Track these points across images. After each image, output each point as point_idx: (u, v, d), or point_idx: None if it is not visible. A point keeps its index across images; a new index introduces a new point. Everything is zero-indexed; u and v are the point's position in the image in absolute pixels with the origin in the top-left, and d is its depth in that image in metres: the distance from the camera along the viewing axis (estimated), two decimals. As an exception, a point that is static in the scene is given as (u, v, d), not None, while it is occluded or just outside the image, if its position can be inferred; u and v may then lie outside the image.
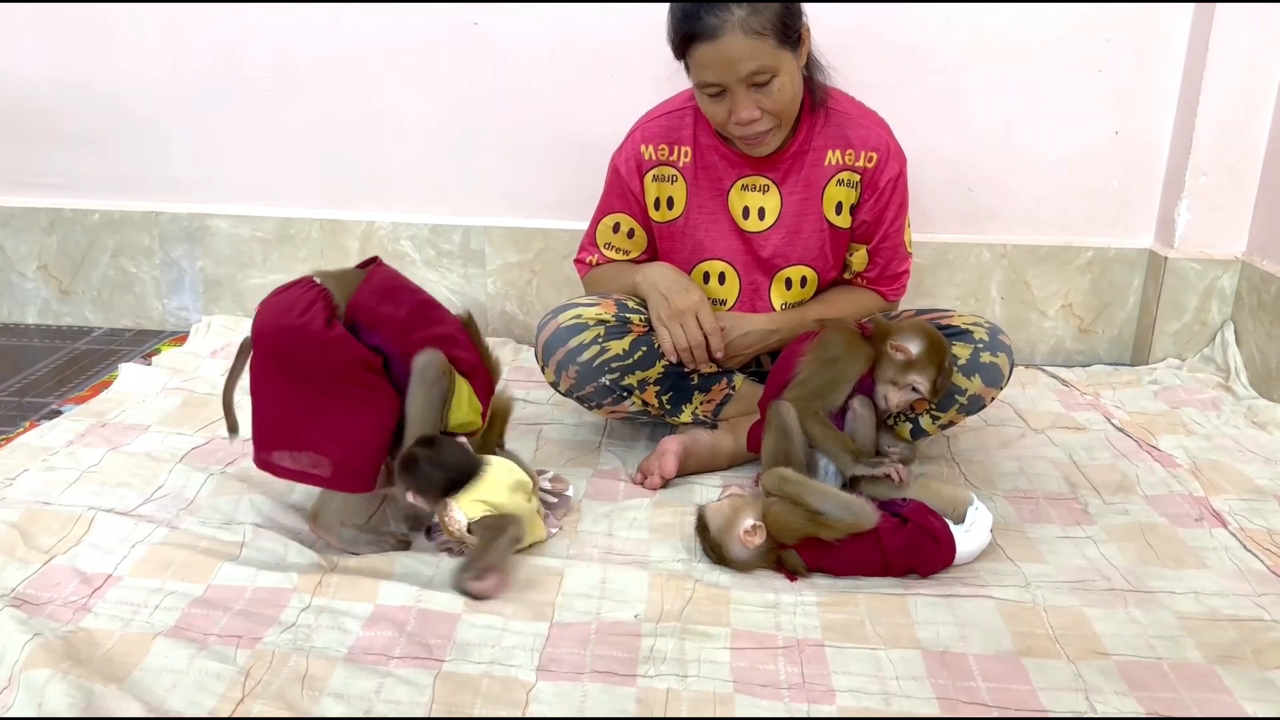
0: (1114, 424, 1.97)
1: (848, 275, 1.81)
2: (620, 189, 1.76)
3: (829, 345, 1.55)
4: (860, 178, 1.70)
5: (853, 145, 1.69)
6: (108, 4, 2.29)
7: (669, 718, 1.11)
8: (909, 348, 1.51)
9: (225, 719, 1.08)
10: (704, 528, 1.42)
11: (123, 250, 2.47)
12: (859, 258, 1.77)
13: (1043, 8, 2.17)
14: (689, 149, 1.72)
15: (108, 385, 2.06)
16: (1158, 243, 2.32)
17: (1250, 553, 1.48)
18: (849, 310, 1.74)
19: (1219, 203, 2.22)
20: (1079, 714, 1.12)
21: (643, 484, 1.67)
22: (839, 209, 1.72)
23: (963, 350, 1.60)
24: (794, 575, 1.38)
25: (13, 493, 1.55)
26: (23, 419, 1.90)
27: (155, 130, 2.39)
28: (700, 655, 1.21)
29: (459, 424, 1.44)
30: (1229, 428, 1.95)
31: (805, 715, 1.12)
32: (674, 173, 1.73)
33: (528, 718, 1.11)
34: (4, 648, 1.13)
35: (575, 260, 1.87)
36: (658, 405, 1.73)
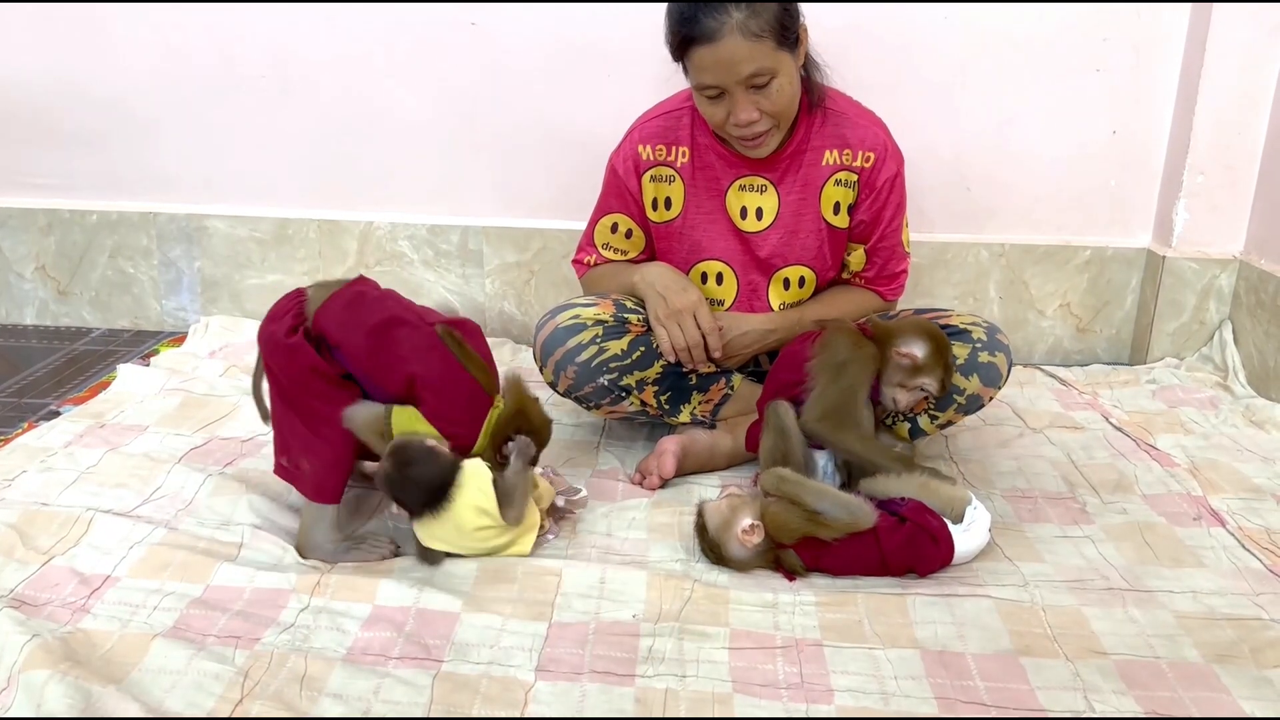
0: (1112, 423, 1.97)
1: (845, 275, 1.81)
2: (618, 189, 1.76)
3: (835, 350, 1.53)
4: (858, 178, 1.70)
5: (850, 145, 1.69)
6: (105, 4, 2.29)
7: (668, 718, 1.11)
8: (915, 352, 1.51)
9: (224, 719, 1.08)
10: (702, 527, 1.42)
11: (121, 251, 2.46)
12: (857, 257, 1.78)
13: (1040, 7, 2.17)
14: (687, 149, 1.72)
15: (106, 386, 2.06)
16: (1156, 242, 2.33)
17: (1248, 552, 1.48)
18: (847, 310, 1.74)
19: (1217, 202, 2.22)
20: (1077, 713, 1.12)
21: (641, 484, 1.67)
22: (836, 209, 1.72)
23: (961, 350, 1.60)
24: (792, 575, 1.38)
25: (11, 493, 1.55)
26: (21, 420, 1.90)
27: (153, 131, 2.39)
28: (699, 655, 1.21)
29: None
30: (1227, 427, 1.95)
31: (804, 715, 1.12)
32: (672, 173, 1.73)
33: (526, 718, 1.11)
34: (3, 648, 1.13)
35: (573, 261, 1.87)
36: (656, 405, 1.73)
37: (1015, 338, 2.35)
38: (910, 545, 1.37)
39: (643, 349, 1.67)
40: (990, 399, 1.66)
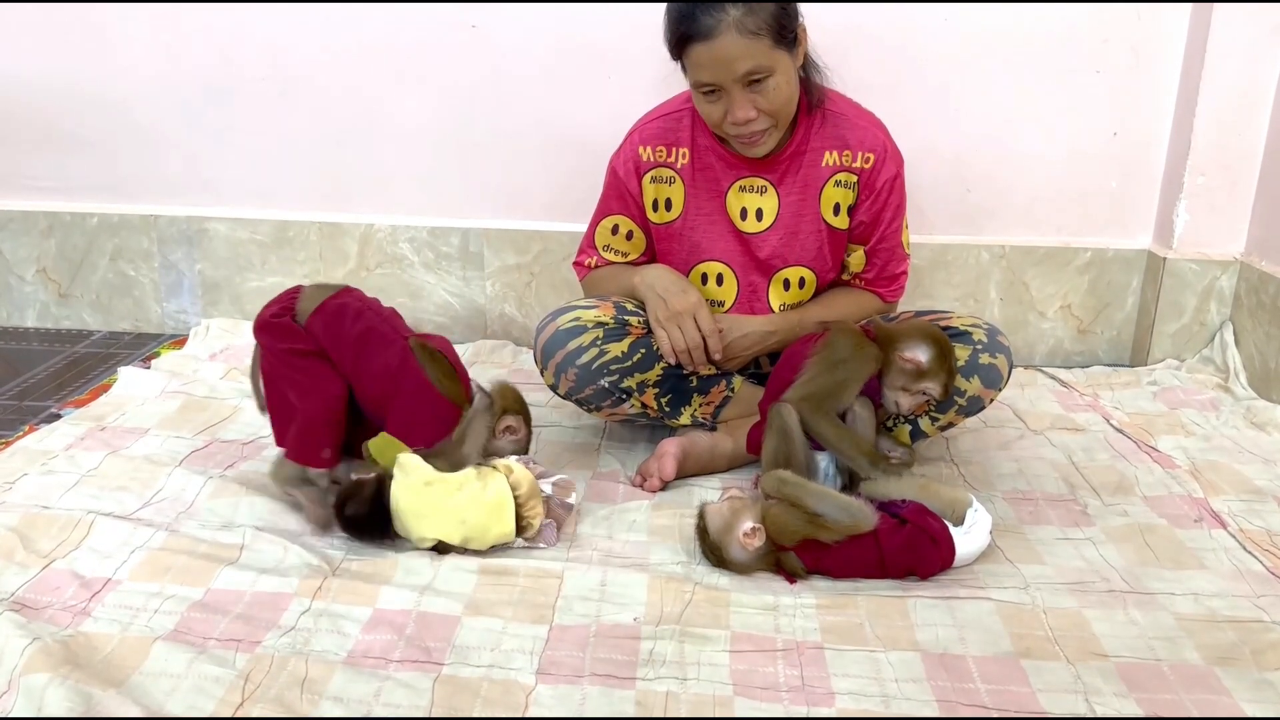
0: (1113, 425, 1.97)
1: (845, 276, 1.81)
2: (618, 190, 1.76)
3: (836, 347, 1.54)
4: (857, 179, 1.70)
5: (850, 146, 1.69)
6: (106, 8, 2.29)
7: (668, 718, 1.11)
8: (919, 357, 1.51)
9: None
10: (704, 530, 1.42)
11: (121, 253, 2.47)
12: (856, 258, 1.78)
13: (1040, 9, 2.17)
14: (687, 150, 1.72)
15: (107, 389, 2.06)
16: (1156, 243, 2.32)
17: (1249, 554, 1.48)
18: (848, 312, 1.74)
19: (1217, 203, 2.22)
20: (1078, 715, 1.12)
21: (642, 486, 1.67)
22: (836, 210, 1.72)
23: (962, 351, 1.60)
24: (793, 577, 1.38)
25: (12, 496, 1.55)
26: (22, 423, 1.90)
27: (153, 133, 2.39)
28: (700, 658, 1.21)
29: (388, 461, 1.45)
30: (1228, 428, 1.95)
31: (805, 717, 1.12)
32: (672, 174, 1.73)
33: (527, 718, 1.11)
34: (3, 652, 1.13)
35: (574, 263, 1.87)
36: (656, 407, 1.73)
37: (1016, 339, 2.35)
38: (911, 547, 1.37)
39: (643, 351, 1.67)
40: (991, 401, 1.66)
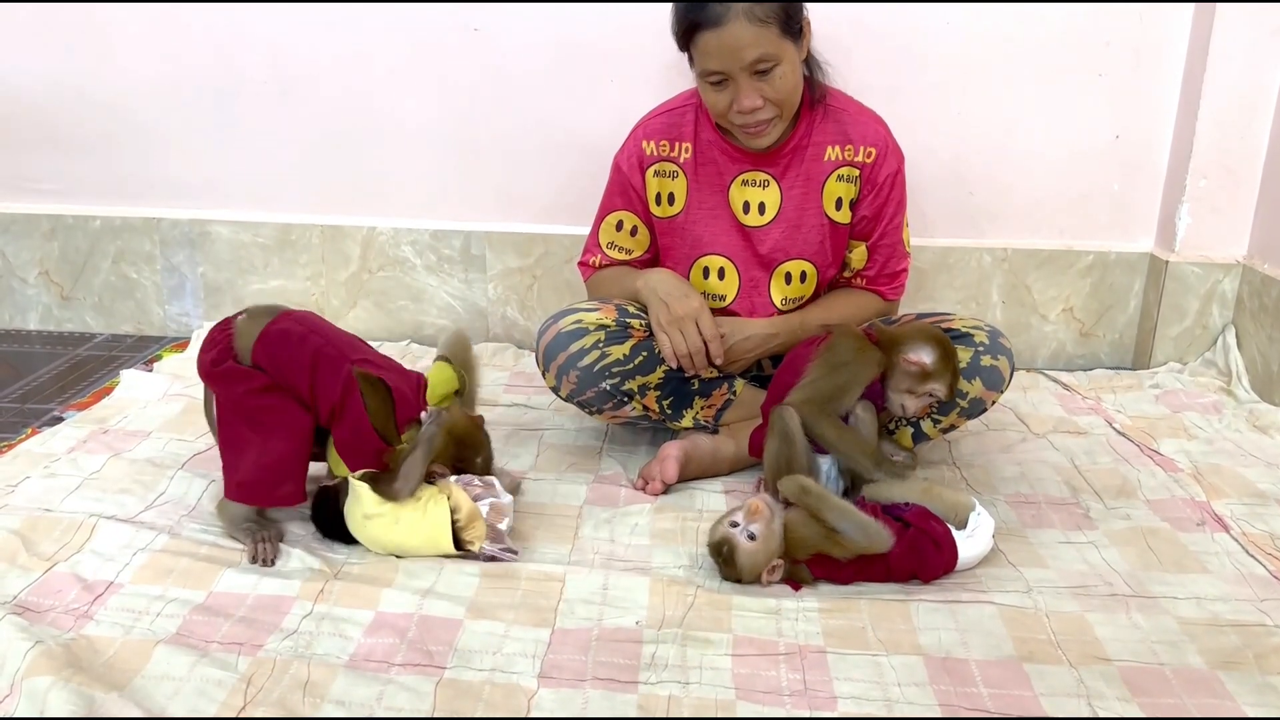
0: (1115, 428, 1.97)
1: (846, 274, 1.82)
2: (622, 185, 1.77)
3: (838, 350, 1.54)
4: (859, 173, 1.71)
5: (851, 141, 1.70)
6: (108, 9, 2.29)
7: (670, 718, 1.11)
8: (924, 359, 1.51)
9: (226, 726, 1.08)
10: (719, 552, 1.38)
11: (124, 256, 2.47)
12: (858, 255, 1.78)
13: (1042, 12, 2.17)
14: (690, 145, 1.73)
15: (109, 391, 2.06)
16: (1158, 246, 2.32)
17: (1252, 557, 1.47)
18: (849, 313, 1.75)
19: (1219, 206, 2.22)
20: (1081, 719, 1.12)
21: (644, 489, 1.67)
22: (839, 204, 1.73)
23: (963, 353, 1.60)
24: (798, 584, 1.38)
25: (14, 499, 1.55)
26: (24, 425, 1.90)
27: (156, 136, 2.40)
28: (702, 662, 1.21)
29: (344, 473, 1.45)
30: (1230, 431, 1.95)
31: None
32: (675, 168, 1.74)
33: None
34: (5, 655, 1.13)
35: (579, 263, 1.88)
36: (658, 410, 1.73)
37: (1018, 342, 2.35)
38: (914, 551, 1.37)
39: (645, 354, 1.67)
40: (993, 403, 1.66)
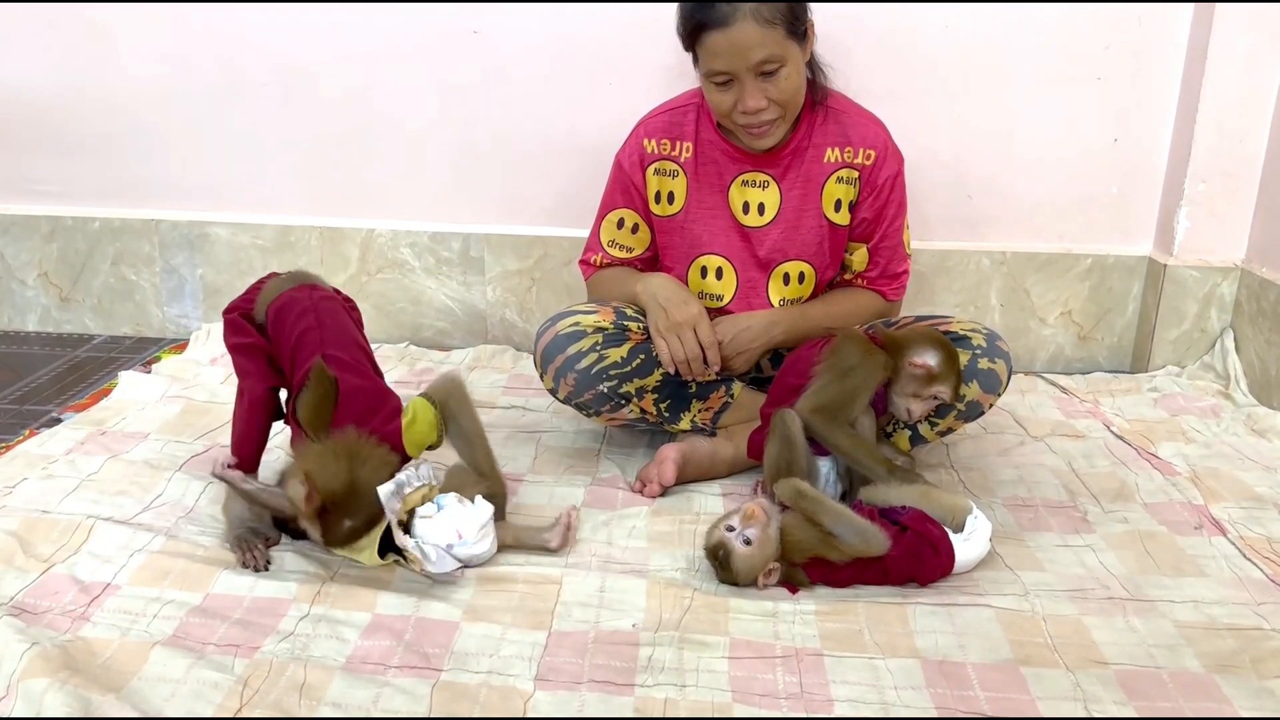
0: (1113, 431, 1.97)
1: (847, 276, 1.83)
2: (623, 183, 1.78)
3: (845, 355, 1.53)
4: (859, 175, 1.72)
5: (851, 143, 1.71)
6: (109, 11, 2.30)
7: (667, 718, 1.11)
8: (929, 362, 1.50)
9: (223, 728, 1.08)
10: (715, 556, 1.38)
11: (123, 258, 2.47)
12: (859, 257, 1.79)
13: (1042, 15, 2.17)
14: (690, 144, 1.74)
15: (107, 393, 2.06)
16: (1157, 250, 2.32)
17: (1249, 561, 1.47)
18: (850, 309, 1.76)
19: (1218, 210, 2.22)
20: (1077, 723, 1.12)
21: (641, 492, 1.67)
22: (838, 206, 1.74)
23: (960, 356, 1.60)
24: (795, 587, 1.38)
25: (12, 501, 1.55)
26: (22, 427, 1.90)
27: (155, 138, 2.40)
28: (698, 664, 1.21)
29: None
30: (1228, 435, 1.95)
31: (803, 725, 1.12)
32: (675, 167, 1.75)
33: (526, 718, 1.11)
34: (2, 657, 1.13)
35: (580, 261, 1.88)
36: (656, 413, 1.73)
37: (1016, 345, 2.35)
38: (911, 554, 1.37)
39: (643, 357, 1.67)
40: (990, 406, 1.66)
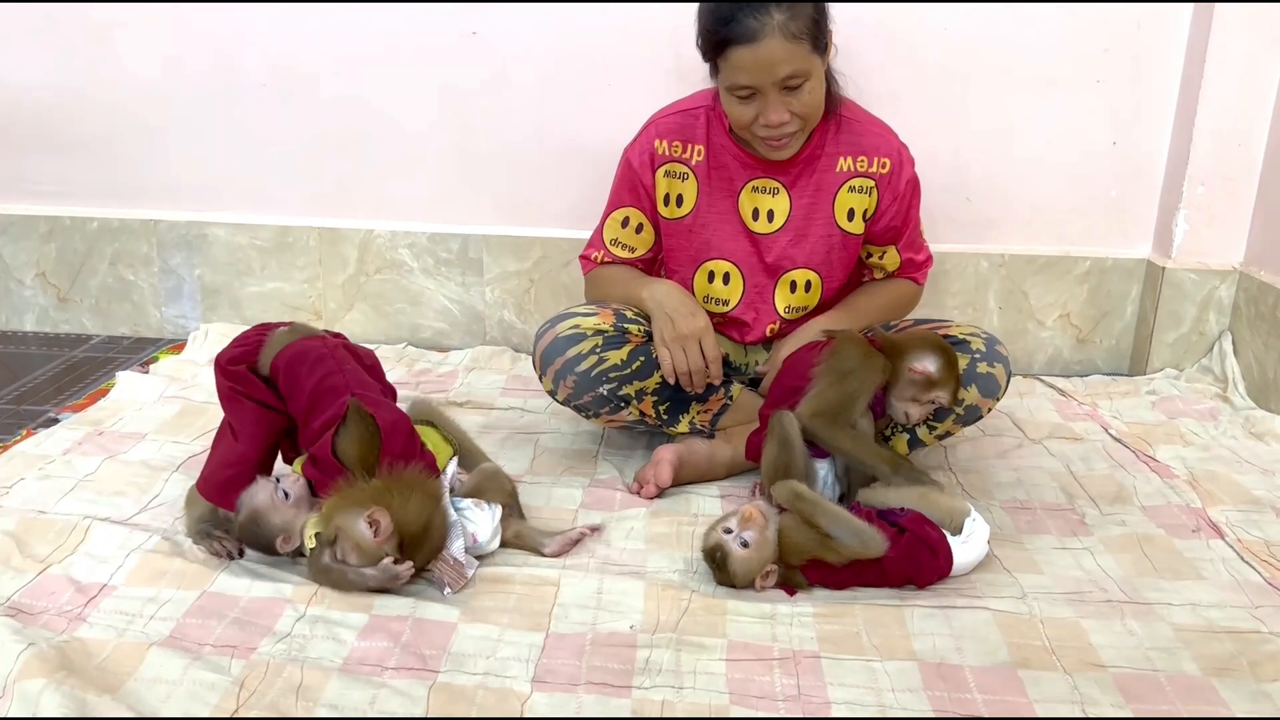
0: (1111, 434, 1.97)
1: (879, 275, 1.86)
2: (631, 182, 1.77)
3: (844, 358, 1.53)
4: (875, 184, 1.73)
5: (865, 152, 1.71)
6: (107, 11, 2.30)
7: (665, 718, 1.11)
8: (929, 368, 1.50)
9: (219, 730, 1.08)
10: (713, 558, 1.38)
11: (121, 258, 2.47)
12: (890, 258, 1.82)
13: (1041, 19, 2.18)
14: (702, 148, 1.73)
15: (105, 393, 2.06)
16: (1155, 253, 2.32)
17: (1247, 564, 1.47)
18: (893, 299, 1.83)
19: (1216, 213, 2.22)
20: (1075, 726, 1.12)
21: (638, 493, 1.67)
22: (850, 215, 1.74)
23: (960, 360, 1.60)
24: (793, 589, 1.37)
25: (9, 501, 1.55)
26: (20, 427, 1.90)
27: (154, 138, 2.40)
28: (696, 667, 1.20)
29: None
30: (1226, 438, 1.95)
31: (801, 727, 1.11)
32: (686, 170, 1.74)
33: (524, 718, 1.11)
34: (-2, 657, 1.13)
35: (581, 256, 1.87)
36: (655, 415, 1.73)
37: (1015, 348, 2.35)
38: (909, 556, 1.37)
39: (642, 359, 1.67)
40: (989, 410, 1.66)
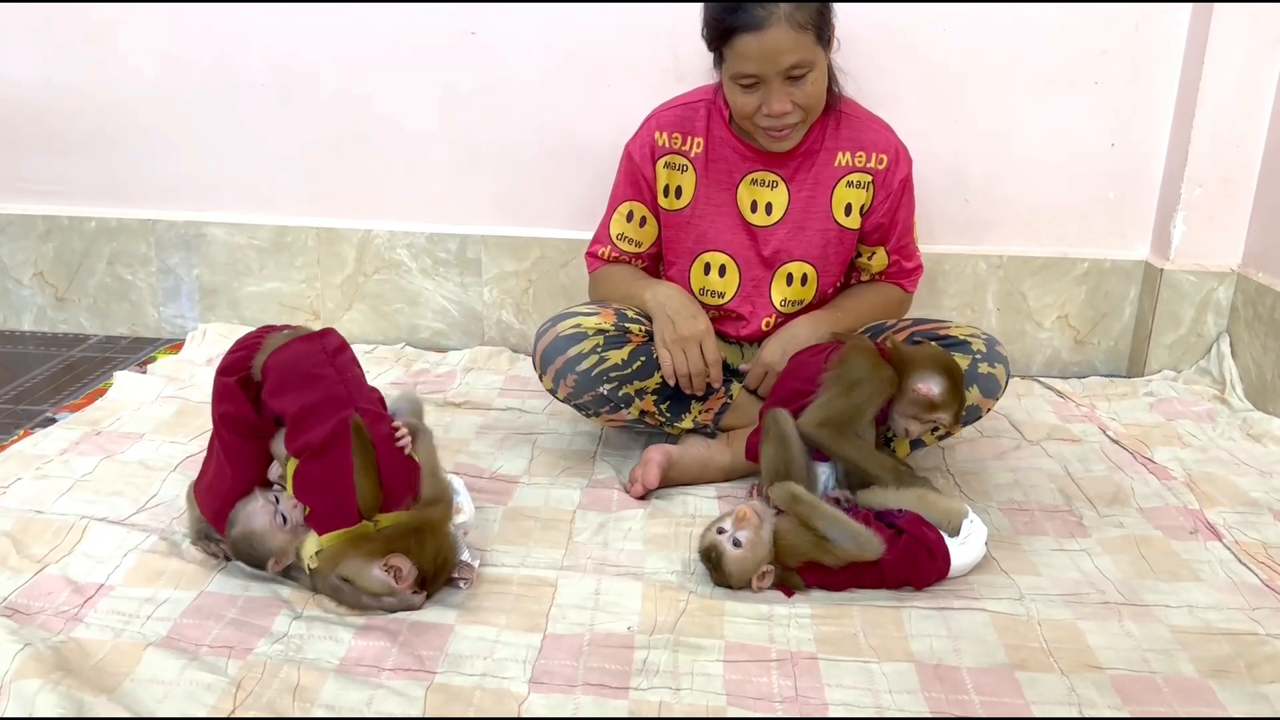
0: (1109, 436, 1.97)
1: (865, 279, 1.87)
2: (633, 175, 1.79)
3: (853, 367, 1.51)
4: (872, 179, 1.74)
5: (864, 147, 1.73)
6: (106, 10, 2.29)
7: (663, 718, 1.11)
8: (933, 391, 1.48)
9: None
10: (708, 557, 1.38)
11: (119, 258, 2.46)
12: (879, 259, 1.82)
13: (1039, 20, 2.18)
14: (701, 140, 1.75)
15: (102, 393, 2.06)
16: (1153, 254, 2.33)
17: (1244, 566, 1.47)
18: (880, 302, 1.84)
19: (1214, 215, 2.22)
20: (1072, 728, 1.12)
21: (628, 492, 1.67)
22: (848, 210, 1.75)
23: (961, 361, 1.60)
24: (791, 591, 1.37)
25: (6, 501, 1.54)
26: (17, 426, 1.90)
27: (152, 137, 2.39)
28: (693, 668, 1.20)
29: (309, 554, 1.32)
30: (1224, 440, 1.95)
31: (798, 728, 1.11)
32: (685, 162, 1.76)
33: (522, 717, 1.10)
34: (-6, 658, 1.13)
35: (587, 253, 1.88)
36: (656, 413, 1.73)
37: (1013, 349, 2.35)
38: (906, 558, 1.37)
39: (643, 359, 1.67)
40: (989, 410, 1.66)
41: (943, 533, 1.40)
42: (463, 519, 1.44)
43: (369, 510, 1.29)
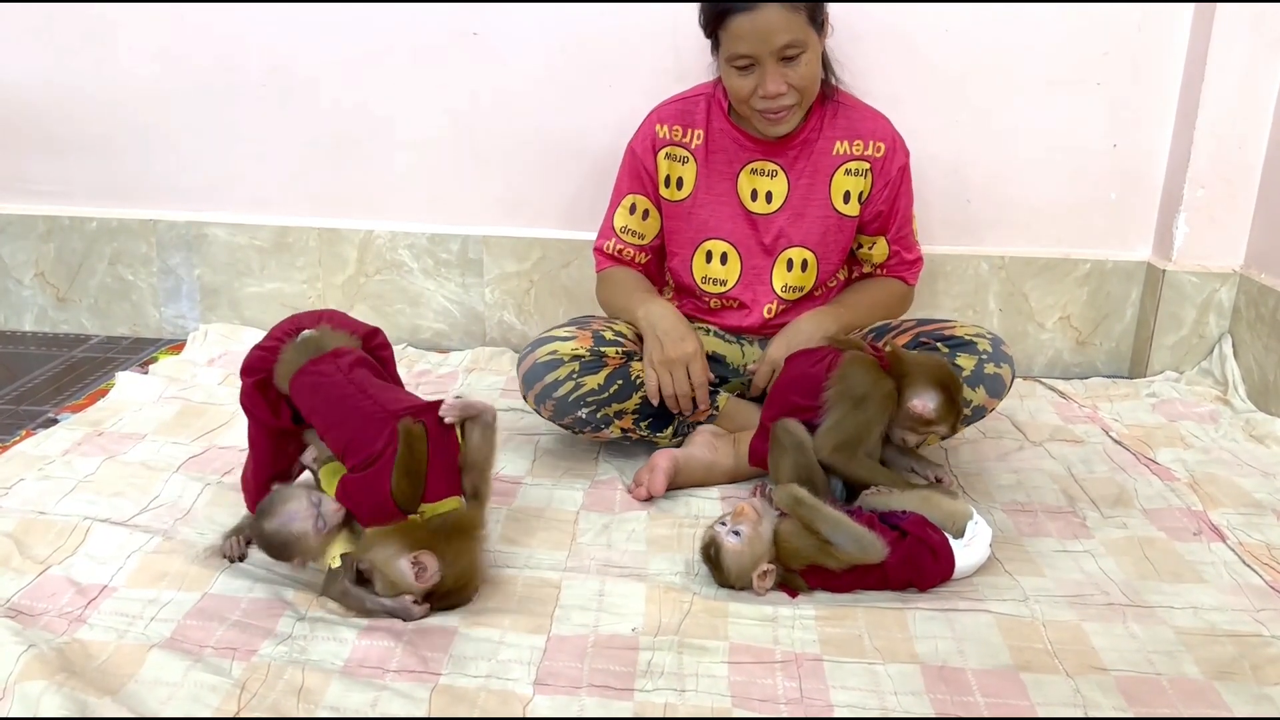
0: (1112, 436, 1.97)
1: (867, 270, 1.89)
2: (635, 169, 1.82)
3: (855, 382, 1.49)
4: (870, 166, 1.77)
5: (861, 136, 1.76)
6: (107, 10, 2.29)
7: (666, 718, 1.11)
8: (928, 408, 1.47)
9: (220, 732, 1.08)
10: (709, 557, 1.38)
11: (120, 258, 2.46)
12: (880, 250, 1.84)
13: (1041, 21, 2.18)
14: (702, 132, 1.78)
15: (104, 394, 2.05)
16: (1155, 255, 2.33)
17: (1248, 567, 1.47)
18: (884, 297, 1.86)
19: (1217, 216, 2.22)
20: (1077, 729, 1.12)
21: (632, 493, 1.67)
22: (846, 198, 1.78)
23: (967, 361, 1.61)
24: (794, 592, 1.37)
25: (8, 502, 1.54)
26: (19, 427, 1.90)
27: (153, 138, 2.39)
28: (698, 669, 1.20)
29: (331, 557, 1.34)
30: (1227, 441, 1.95)
31: (803, 730, 1.11)
32: (685, 153, 1.78)
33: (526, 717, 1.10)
34: (-2, 659, 1.13)
35: (594, 248, 1.91)
36: (637, 431, 1.74)
37: (1015, 350, 2.32)
38: (911, 559, 1.37)
39: (620, 382, 1.69)
40: (993, 409, 1.67)
41: (947, 534, 1.39)
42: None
43: (407, 505, 1.29)
